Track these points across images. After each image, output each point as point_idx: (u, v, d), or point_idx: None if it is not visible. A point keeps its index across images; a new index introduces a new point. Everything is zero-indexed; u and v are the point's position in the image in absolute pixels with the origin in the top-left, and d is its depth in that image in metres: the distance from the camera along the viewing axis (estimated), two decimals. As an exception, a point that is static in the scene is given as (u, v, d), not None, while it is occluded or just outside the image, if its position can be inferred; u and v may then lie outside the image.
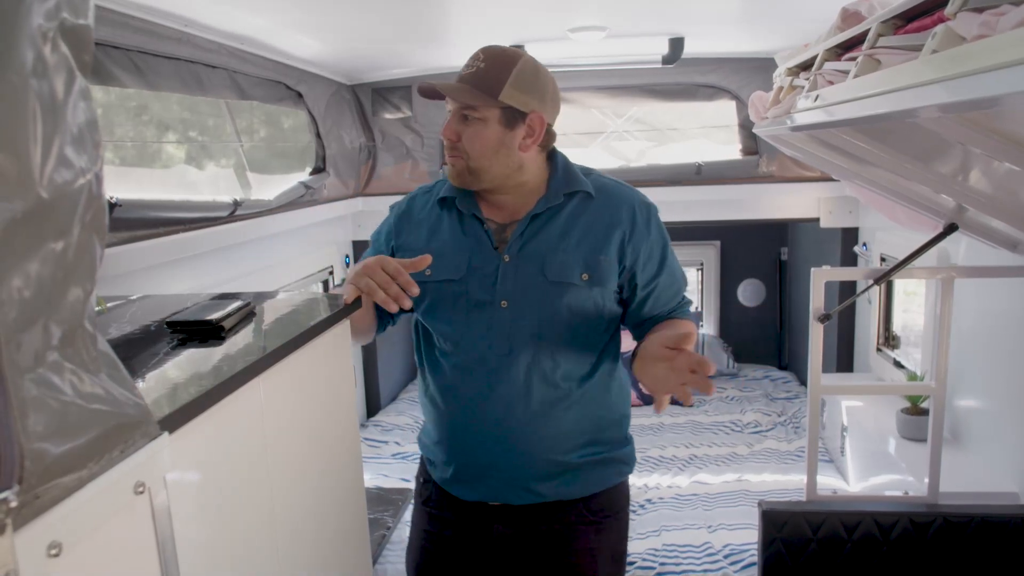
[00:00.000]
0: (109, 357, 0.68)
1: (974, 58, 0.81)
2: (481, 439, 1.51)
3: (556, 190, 1.50)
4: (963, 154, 1.70)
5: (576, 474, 1.53)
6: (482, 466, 1.53)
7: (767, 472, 3.34)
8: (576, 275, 1.47)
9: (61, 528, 0.60)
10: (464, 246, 1.50)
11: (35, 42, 0.54)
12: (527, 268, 1.47)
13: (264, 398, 1.07)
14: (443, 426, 1.56)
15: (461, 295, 1.48)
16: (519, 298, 1.46)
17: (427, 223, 1.56)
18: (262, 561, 1.08)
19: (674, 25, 2.93)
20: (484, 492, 1.55)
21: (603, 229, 1.50)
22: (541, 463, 1.51)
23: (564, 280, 1.46)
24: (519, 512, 1.55)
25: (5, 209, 0.52)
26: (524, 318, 1.46)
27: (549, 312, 1.47)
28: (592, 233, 1.49)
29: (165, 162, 2.53)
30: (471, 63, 1.45)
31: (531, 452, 1.50)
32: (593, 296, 1.48)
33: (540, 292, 1.46)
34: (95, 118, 0.62)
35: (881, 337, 3.55)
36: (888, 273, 2.13)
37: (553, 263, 1.46)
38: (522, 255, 1.47)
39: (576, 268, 1.47)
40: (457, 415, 1.53)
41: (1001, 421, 2.40)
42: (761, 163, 3.79)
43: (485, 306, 1.47)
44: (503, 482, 1.53)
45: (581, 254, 1.47)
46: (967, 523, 2.01)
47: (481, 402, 1.49)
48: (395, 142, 3.99)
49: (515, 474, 1.52)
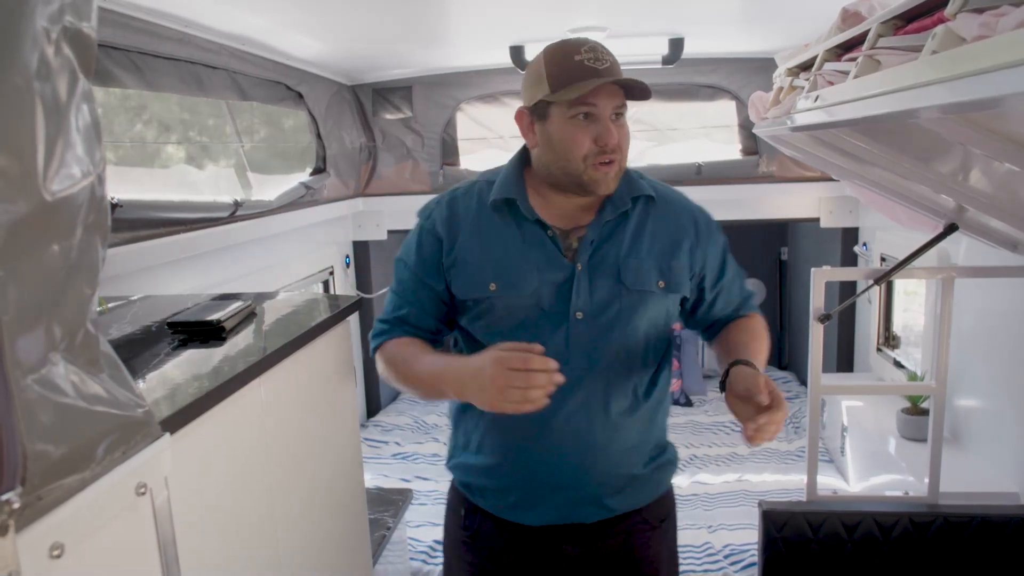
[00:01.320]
0: (111, 358, 0.68)
1: (974, 59, 0.81)
2: (555, 458, 1.41)
3: (622, 194, 1.42)
4: (963, 154, 1.70)
5: (644, 483, 1.49)
6: (553, 487, 1.43)
7: (767, 472, 3.34)
8: (653, 283, 1.41)
9: (63, 529, 0.61)
10: (529, 255, 1.38)
11: (39, 45, 0.54)
12: (602, 277, 1.39)
13: (265, 399, 1.07)
14: (506, 449, 1.43)
15: (531, 309, 1.37)
16: (596, 309, 1.38)
17: (479, 230, 1.39)
18: (263, 561, 1.08)
19: (674, 25, 2.93)
20: (554, 515, 1.45)
21: (671, 234, 1.46)
22: (615, 477, 1.45)
23: (643, 288, 1.40)
24: (588, 529, 1.47)
25: (8, 210, 0.52)
26: (603, 329, 1.38)
27: (627, 322, 1.40)
28: (661, 239, 1.44)
29: (165, 163, 2.53)
30: (601, 57, 1.31)
31: (608, 467, 1.44)
32: (667, 303, 1.44)
33: (618, 302, 1.39)
34: (97, 120, 0.62)
35: (881, 337, 3.55)
36: (888, 273, 2.13)
37: (629, 271, 1.39)
38: (595, 263, 1.39)
39: (652, 275, 1.41)
40: (527, 436, 1.40)
41: (1001, 421, 2.40)
42: (761, 163, 3.79)
43: (558, 319, 1.37)
44: (575, 501, 1.44)
45: (655, 261, 1.42)
46: (967, 523, 2.01)
47: (557, 420, 1.38)
48: (395, 142, 3.99)
49: (590, 491, 1.44)
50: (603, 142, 1.30)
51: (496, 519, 1.46)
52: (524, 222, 1.39)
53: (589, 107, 1.30)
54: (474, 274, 1.36)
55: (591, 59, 1.29)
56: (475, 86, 3.90)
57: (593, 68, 1.28)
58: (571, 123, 1.31)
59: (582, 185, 1.35)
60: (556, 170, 1.37)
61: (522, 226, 1.39)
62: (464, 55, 3.53)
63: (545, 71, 1.33)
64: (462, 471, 1.48)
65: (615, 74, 1.29)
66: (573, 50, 1.30)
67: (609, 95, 1.30)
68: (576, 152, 1.32)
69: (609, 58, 1.31)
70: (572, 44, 1.32)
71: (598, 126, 1.31)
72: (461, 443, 1.48)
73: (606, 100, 1.30)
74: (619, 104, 1.32)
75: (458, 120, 4.00)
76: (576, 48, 1.30)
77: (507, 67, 3.32)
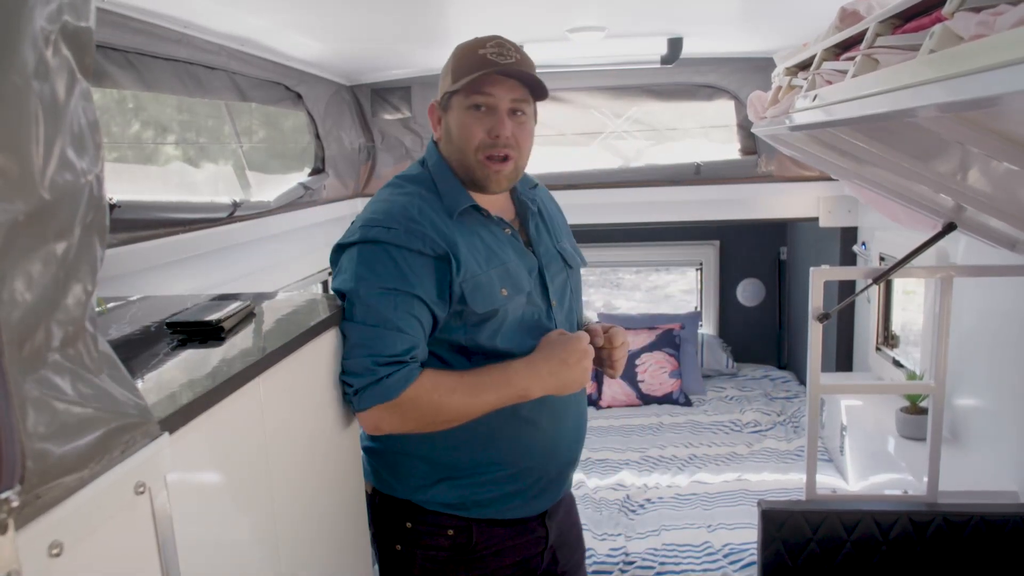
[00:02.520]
0: (110, 358, 0.68)
1: (972, 57, 0.81)
2: (563, 443, 1.51)
3: (522, 186, 1.50)
4: (961, 153, 1.70)
5: None
6: (558, 471, 1.52)
7: (766, 471, 3.34)
8: (579, 260, 1.55)
9: (62, 528, 0.61)
10: (511, 254, 1.41)
11: (37, 44, 0.54)
12: (555, 264, 1.49)
13: (264, 398, 1.07)
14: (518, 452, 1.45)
15: (526, 305, 1.41)
16: (559, 293, 1.48)
17: (465, 241, 1.36)
18: (262, 561, 1.09)
19: (673, 25, 2.93)
20: (551, 498, 1.53)
21: (559, 215, 1.60)
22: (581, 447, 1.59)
23: (578, 266, 1.55)
24: (560, 502, 1.59)
25: (7, 210, 0.52)
26: (568, 311, 1.50)
27: (576, 298, 1.54)
28: (557, 219, 1.57)
29: (164, 163, 2.53)
30: (505, 53, 1.32)
31: (583, 438, 1.58)
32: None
33: (569, 283, 1.52)
34: (96, 120, 0.62)
35: (880, 336, 3.56)
36: (887, 272, 2.13)
37: (567, 254, 1.52)
38: (543, 252, 1.47)
39: (575, 254, 1.55)
40: (548, 429, 1.46)
41: (1000, 420, 2.40)
42: (760, 163, 3.80)
43: (545, 309, 1.44)
44: (565, 479, 1.56)
45: (568, 241, 1.56)
46: (966, 522, 2.01)
47: (567, 407, 1.48)
48: (394, 142, 4.00)
49: (573, 465, 1.57)
50: (495, 133, 1.32)
51: (496, 521, 1.48)
52: (488, 223, 1.41)
53: (485, 97, 1.32)
54: (486, 285, 1.35)
55: (494, 53, 1.32)
56: (474, 86, 3.90)
57: (493, 61, 1.31)
58: (467, 113, 1.34)
59: (475, 180, 1.37)
60: (454, 163, 1.39)
61: (490, 228, 1.41)
62: (463, 55, 3.52)
63: (452, 64, 1.37)
64: (451, 492, 1.44)
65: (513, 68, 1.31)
66: (479, 45, 1.34)
67: (507, 88, 1.32)
68: (470, 142, 1.34)
69: (515, 55, 1.33)
70: (480, 40, 1.36)
71: (492, 118, 1.33)
72: (445, 469, 1.44)
73: (503, 92, 1.32)
74: (517, 98, 1.34)
75: (457, 120, 4.00)
76: (482, 43, 1.34)
77: (506, 67, 3.32)
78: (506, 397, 1.33)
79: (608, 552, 2.70)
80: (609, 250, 5.00)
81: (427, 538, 1.47)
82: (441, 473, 1.45)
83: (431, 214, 1.34)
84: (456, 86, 1.33)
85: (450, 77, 1.36)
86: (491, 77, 1.31)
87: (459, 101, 1.35)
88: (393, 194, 1.39)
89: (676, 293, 7.20)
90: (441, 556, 1.48)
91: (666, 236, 4.91)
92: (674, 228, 4.74)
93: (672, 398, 4.26)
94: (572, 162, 3.95)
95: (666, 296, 7.49)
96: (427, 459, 1.45)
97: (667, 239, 4.95)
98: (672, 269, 6.70)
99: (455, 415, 1.32)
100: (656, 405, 4.24)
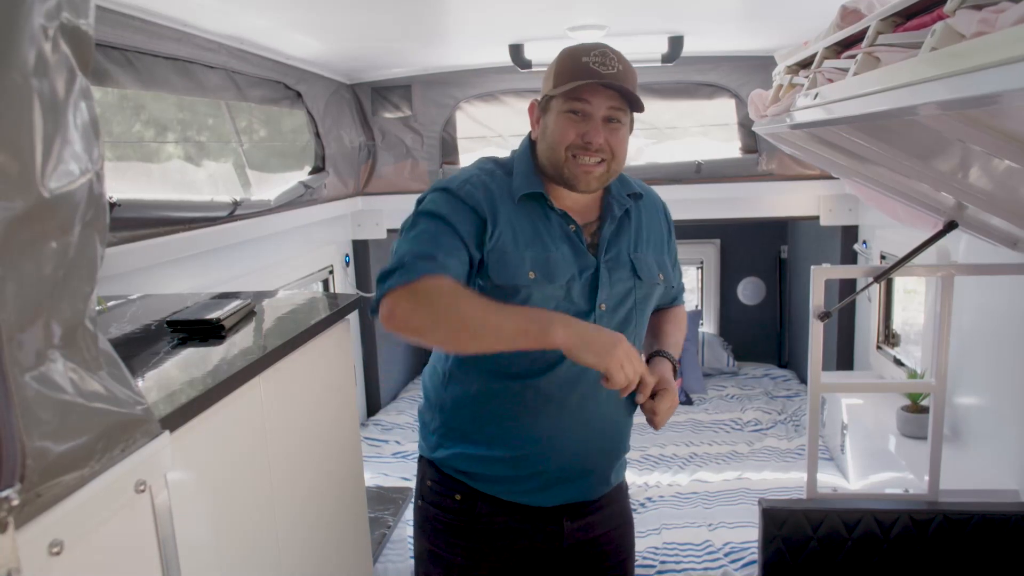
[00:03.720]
0: (110, 356, 0.68)
1: (973, 55, 0.81)
2: (582, 446, 1.50)
3: (619, 191, 1.51)
4: (962, 151, 1.70)
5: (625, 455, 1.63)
6: (576, 471, 1.51)
7: (767, 470, 3.34)
8: (656, 275, 1.53)
9: (63, 526, 0.61)
10: (560, 248, 1.43)
11: (37, 42, 0.54)
12: (619, 271, 1.47)
13: (264, 397, 1.07)
14: (531, 440, 1.47)
15: (561, 300, 1.41)
16: (616, 301, 1.46)
17: (512, 219, 1.41)
18: (262, 559, 1.09)
19: (674, 23, 2.93)
20: (567, 495, 1.53)
21: (657, 228, 1.58)
22: (621, 454, 1.59)
23: (652, 281, 1.52)
24: (590, 504, 1.57)
25: (6, 208, 0.52)
26: (621, 320, 1.48)
27: (641, 312, 1.52)
28: (654, 233, 1.56)
29: (164, 162, 2.53)
30: (607, 62, 1.36)
31: (620, 446, 1.58)
32: (659, 293, 1.56)
33: (634, 294, 1.49)
34: (96, 117, 0.62)
35: (881, 335, 3.55)
36: (888, 271, 2.13)
37: (641, 265, 1.50)
38: (612, 257, 1.47)
39: (655, 268, 1.53)
40: (558, 426, 1.47)
41: (1001, 418, 2.40)
42: (761, 161, 3.79)
43: (585, 310, 1.43)
44: (589, 481, 1.54)
45: (653, 254, 1.54)
46: (967, 520, 2.01)
47: (588, 409, 1.47)
48: (395, 141, 3.99)
49: (603, 471, 1.55)
50: (588, 138, 1.37)
51: (501, 502, 1.51)
52: (550, 214, 1.44)
53: (582, 104, 1.37)
54: (513, 261, 1.39)
55: (597, 62, 1.36)
56: (474, 85, 3.90)
57: (595, 70, 1.35)
58: (563, 116, 1.39)
59: (563, 178, 1.41)
60: (545, 160, 1.43)
61: (549, 219, 1.44)
62: (463, 54, 3.52)
63: (555, 68, 1.41)
64: (462, 460, 1.50)
65: (614, 79, 1.35)
66: (584, 52, 1.38)
67: (604, 97, 1.37)
68: (561, 141, 1.39)
69: (617, 65, 1.37)
70: (585, 47, 1.39)
71: (588, 124, 1.38)
72: (457, 433, 1.50)
73: (600, 100, 1.37)
74: (614, 107, 1.38)
75: (457, 119, 4.00)
76: (587, 51, 1.38)
77: (507, 66, 3.32)
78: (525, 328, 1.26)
79: (609, 551, 2.69)
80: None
81: (438, 497, 1.53)
82: (455, 437, 1.50)
83: (491, 186, 1.42)
84: (557, 91, 1.38)
85: (552, 80, 1.40)
86: (591, 85, 1.35)
87: (558, 105, 1.39)
88: (469, 166, 1.49)
89: (677, 292, 7.19)
90: (447, 518, 1.53)
91: None
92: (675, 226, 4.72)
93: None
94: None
95: (667, 295, 7.49)
96: (444, 421, 1.51)
97: None
98: (673, 268, 6.69)
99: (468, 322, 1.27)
100: (657, 404, 4.22)
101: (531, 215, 1.43)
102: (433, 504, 1.54)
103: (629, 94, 1.37)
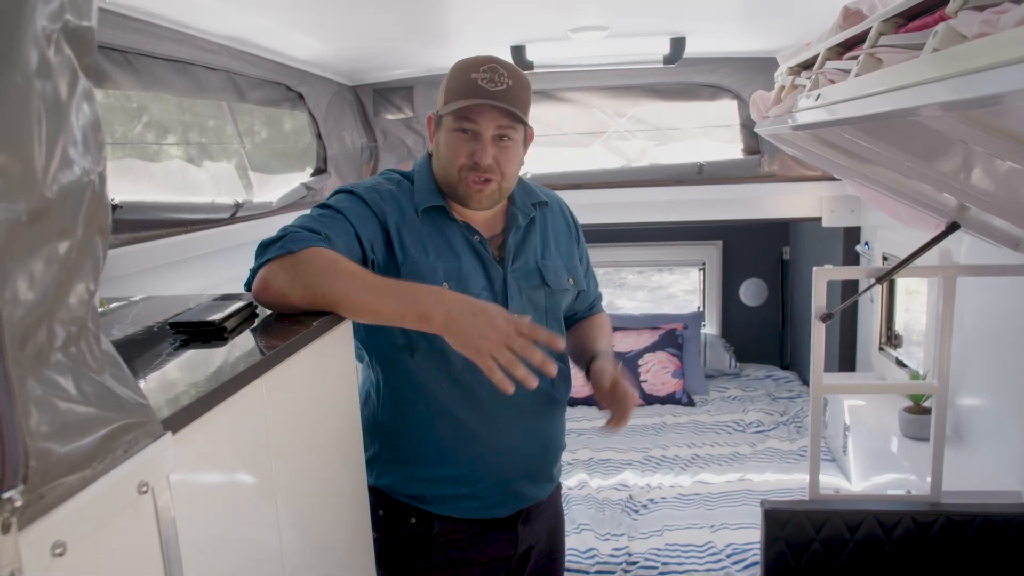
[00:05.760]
0: (113, 357, 0.68)
1: (975, 56, 0.81)
2: (525, 455, 1.52)
3: (524, 200, 1.53)
4: (965, 152, 1.70)
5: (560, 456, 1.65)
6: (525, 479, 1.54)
7: (769, 471, 3.34)
8: (565, 281, 1.55)
9: (65, 527, 0.61)
10: (468, 260, 1.44)
11: (39, 43, 0.54)
12: (529, 279, 1.50)
13: (266, 398, 1.07)
14: (478, 455, 1.48)
15: None
16: (526, 310, 1.48)
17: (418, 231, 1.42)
18: (265, 561, 1.09)
19: (675, 25, 2.93)
20: (521, 501, 1.55)
21: (564, 233, 1.60)
22: (560, 453, 1.62)
23: (561, 287, 1.54)
24: (539, 505, 1.60)
25: (9, 209, 0.52)
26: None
27: (552, 319, 1.53)
28: (560, 238, 1.58)
29: (166, 164, 2.53)
30: (496, 79, 1.36)
31: (559, 447, 1.60)
32: (570, 298, 1.59)
33: (543, 301, 1.51)
34: (98, 119, 0.62)
35: (883, 336, 3.55)
36: (890, 272, 2.13)
37: (548, 272, 1.52)
38: (519, 267, 1.49)
39: (564, 274, 1.55)
40: (498, 437, 1.48)
41: (1004, 419, 2.40)
42: (763, 162, 3.79)
43: None
44: (538, 485, 1.58)
45: (562, 260, 1.56)
46: (970, 522, 2.01)
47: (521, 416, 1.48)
48: (397, 142, 4.00)
49: (549, 472, 1.59)
50: (475, 159, 1.38)
51: (458, 520, 1.52)
52: (453, 227, 1.45)
53: (470, 124, 1.37)
54: (428, 273, 1.39)
55: (485, 79, 1.36)
56: (476, 86, 3.90)
57: (483, 88, 1.35)
58: (454, 135, 1.40)
59: (457, 195, 1.43)
60: (439, 177, 1.45)
61: (452, 231, 1.45)
62: (465, 55, 3.52)
63: (446, 84, 1.42)
64: (414, 485, 1.49)
65: (499, 98, 1.35)
66: (473, 68, 1.38)
67: (491, 117, 1.36)
68: (453, 163, 1.40)
69: (507, 81, 1.36)
70: (475, 62, 1.39)
71: (476, 143, 1.38)
72: (404, 456, 1.49)
73: (488, 120, 1.37)
74: (502, 126, 1.38)
75: (459, 120, 4.01)
76: (476, 66, 1.38)
77: (508, 67, 3.32)
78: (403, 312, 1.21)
79: (611, 552, 2.70)
80: (612, 250, 5.00)
81: (394, 525, 1.53)
82: (400, 461, 1.50)
83: (398, 195, 1.43)
84: (445, 110, 1.39)
85: (443, 97, 1.41)
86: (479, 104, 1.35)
87: (448, 123, 1.41)
88: (375, 176, 1.53)
89: (679, 293, 7.20)
90: (404, 544, 1.53)
91: (669, 236, 4.91)
92: (677, 228, 4.73)
93: (675, 398, 4.26)
94: (575, 162, 3.95)
95: (669, 296, 7.50)
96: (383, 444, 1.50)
97: (670, 239, 4.95)
98: (675, 269, 6.70)
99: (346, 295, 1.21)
100: (659, 405, 4.23)
101: (437, 226, 1.44)
102: (390, 535, 1.52)
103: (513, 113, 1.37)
